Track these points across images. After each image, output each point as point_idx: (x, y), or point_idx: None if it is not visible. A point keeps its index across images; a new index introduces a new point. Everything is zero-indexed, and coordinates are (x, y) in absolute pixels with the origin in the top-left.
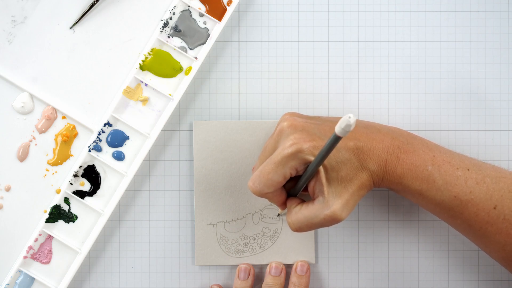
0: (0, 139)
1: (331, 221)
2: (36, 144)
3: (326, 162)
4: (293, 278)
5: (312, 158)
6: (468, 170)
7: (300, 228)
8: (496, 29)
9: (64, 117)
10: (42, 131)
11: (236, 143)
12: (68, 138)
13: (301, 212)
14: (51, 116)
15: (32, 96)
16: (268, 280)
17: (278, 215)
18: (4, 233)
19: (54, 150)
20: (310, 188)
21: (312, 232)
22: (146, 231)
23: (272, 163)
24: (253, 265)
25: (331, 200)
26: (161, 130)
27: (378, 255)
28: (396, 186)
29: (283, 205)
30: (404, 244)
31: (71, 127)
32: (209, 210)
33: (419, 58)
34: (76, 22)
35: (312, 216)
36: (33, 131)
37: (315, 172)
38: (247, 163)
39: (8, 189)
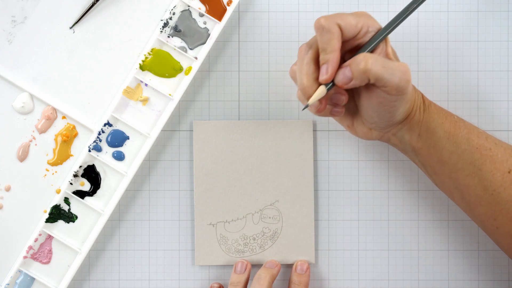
0: (0, 139)
1: (405, 73)
2: (36, 144)
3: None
4: (293, 277)
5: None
6: (487, 133)
7: (375, 61)
8: (496, 29)
9: (64, 117)
10: (42, 131)
11: (236, 143)
12: (68, 138)
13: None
14: (51, 116)
15: (32, 96)
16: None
17: (306, 106)
18: (4, 233)
19: (54, 150)
20: None
21: (312, 232)
22: (146, 231)
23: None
24: (253, 265)
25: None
26: (161, 130)
27: (378, 255)
28: (430, 123)
29: (336, 59)
30: (404, 244)
31: (71, 127)
32: (209, 210)
33: (420, 58)
34: (76, 22)
35: (387, 60)
36: (33, 131)
37: (382, 42)
38: (247, 163)
39: (8, 189)
